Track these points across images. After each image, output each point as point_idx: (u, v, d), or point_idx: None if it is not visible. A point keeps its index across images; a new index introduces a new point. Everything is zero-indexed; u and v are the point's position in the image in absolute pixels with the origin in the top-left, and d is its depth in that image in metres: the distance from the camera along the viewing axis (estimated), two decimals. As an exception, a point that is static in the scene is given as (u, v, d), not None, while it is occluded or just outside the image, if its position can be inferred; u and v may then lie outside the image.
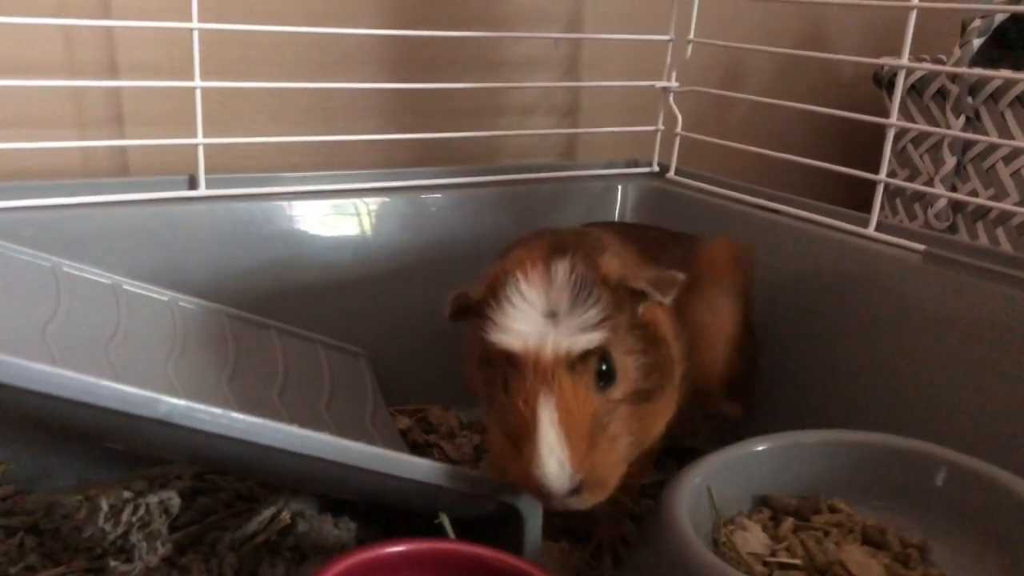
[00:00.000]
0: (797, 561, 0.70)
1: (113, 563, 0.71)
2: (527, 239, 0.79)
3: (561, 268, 0.68)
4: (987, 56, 1.37)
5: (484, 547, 0.65)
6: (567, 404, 0.65)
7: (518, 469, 0.65)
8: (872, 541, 0.73)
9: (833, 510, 0.76)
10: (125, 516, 0.72)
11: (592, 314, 0.67)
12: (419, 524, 0.71)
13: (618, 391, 0.68)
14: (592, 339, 0.66)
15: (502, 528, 0.71)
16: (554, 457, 0.63)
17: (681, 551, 0.63)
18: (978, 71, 1.25)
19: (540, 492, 0.64)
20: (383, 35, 1.21)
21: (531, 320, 0.66)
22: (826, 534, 0.73)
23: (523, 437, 0.64)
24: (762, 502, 0.77)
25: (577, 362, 0.66)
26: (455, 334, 0.84)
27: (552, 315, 0.67)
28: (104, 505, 0.72)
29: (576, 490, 0.64)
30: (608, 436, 0.67)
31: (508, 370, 0.66)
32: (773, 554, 0.71)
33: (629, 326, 0.70)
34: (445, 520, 0.70)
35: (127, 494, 0.74)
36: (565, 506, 0.66)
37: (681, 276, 0.72)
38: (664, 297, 0.70)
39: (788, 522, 0.74)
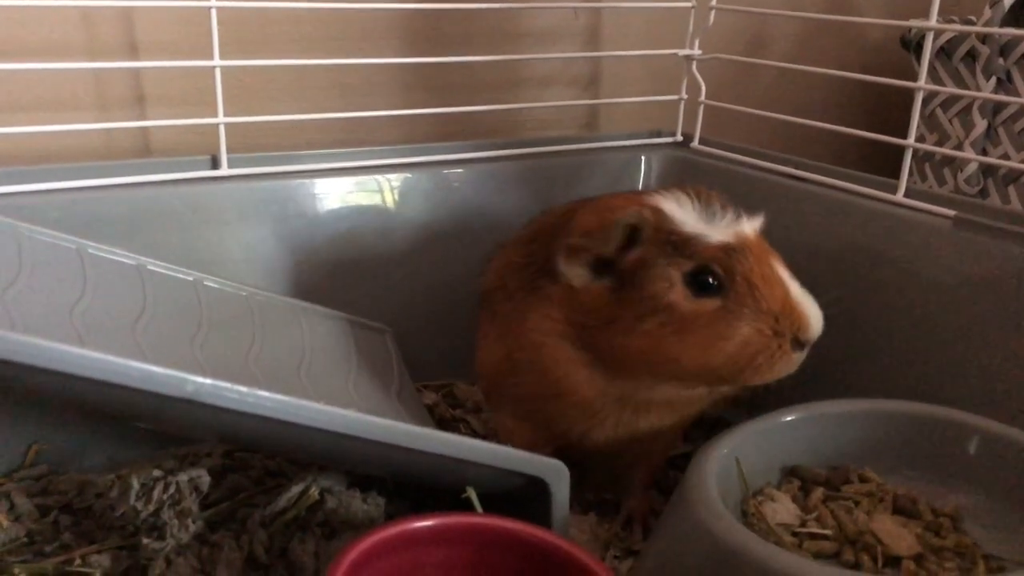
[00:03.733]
0: (827, 531, 0.69)
1: (145, 540, 0.71)
2: (572, 205, 0.83)
3: (670, 194, 0.75)
4: (1018, 16, 1.34)
5: (512, 520, 0.65)
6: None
7: (778, 339, 0.72)
8: (903, 510, 0.72)
9: (863, 480, 0.76)
10: (156, 494, 0.73)
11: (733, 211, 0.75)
12: (447, 499, 0.71)
13: None
14: (758, 223, 0.77)
15: (530, 502, 0.71)
16: (815, 305, 0.74)
17: (710, 522, 0.63)
18: (1009, 31, 1.22)
19: (805, 343, 0.73)
20: (401, 8, 1.20)
21: (717, 220, 0.74)
22: (856, 504, 0.73)
23: (783, 303, 0.72)
24: (791, 472, 0.77)
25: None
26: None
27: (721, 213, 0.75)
28: (135, 484, 0.73)
29: None
30: None
31: (724, 262, 0.72)
32: (803, 524, 0.70)
33: None
34: (472, 494, 0.70)
35: (157, 473, 0.75)
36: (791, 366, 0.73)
37: None
38: None
39: (818, 492, 0.74)
